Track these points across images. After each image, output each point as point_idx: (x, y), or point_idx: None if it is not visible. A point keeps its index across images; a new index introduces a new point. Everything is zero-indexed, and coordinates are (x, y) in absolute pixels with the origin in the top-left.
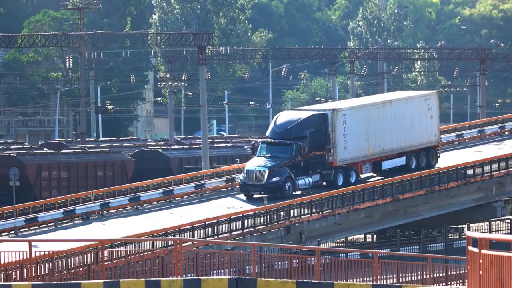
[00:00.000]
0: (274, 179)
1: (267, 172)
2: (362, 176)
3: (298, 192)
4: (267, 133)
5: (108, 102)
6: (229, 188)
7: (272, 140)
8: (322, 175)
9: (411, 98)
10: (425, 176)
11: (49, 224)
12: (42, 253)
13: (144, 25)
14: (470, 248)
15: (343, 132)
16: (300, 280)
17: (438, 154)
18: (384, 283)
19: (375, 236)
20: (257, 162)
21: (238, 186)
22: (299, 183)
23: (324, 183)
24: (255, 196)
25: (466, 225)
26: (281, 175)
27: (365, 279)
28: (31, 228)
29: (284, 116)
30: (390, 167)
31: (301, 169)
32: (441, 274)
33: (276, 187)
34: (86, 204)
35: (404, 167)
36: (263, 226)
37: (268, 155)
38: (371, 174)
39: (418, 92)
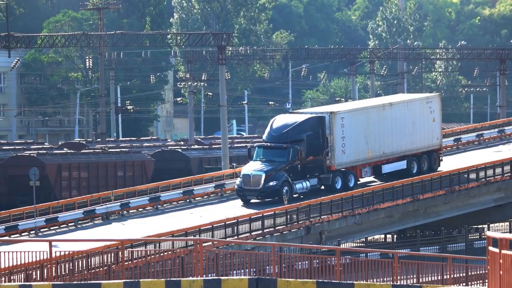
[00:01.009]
0: (271, 184)
1: (263, 176)
2: (362, 180)
3: (295, 196)
4: (264, 136)
5: (128, 102)
6: None
7: (269, 143)
8: (320, 179)
9: (412, 101)
10: (445, 176)
11: (69, 224)
12: (62, 253)
13: (163, 25)
14: (491, 248)
15: (342, 136)
16: (320, 280)
17: (440, 158)
18: (404, 283)
19: (395, 236)
20: (253, 167)
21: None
22: (297, 187)
23: (322, 187)
24: (252, 200)
25: (486, 225)
26: (278, 179)
27: (385, 279)
28: (51, 228)
29: (281, 120)
30: (391, 171)
31: (299, 173)
32: (461, 274)
33: (273, 192)
34: (106, 204)
35: (405, 171)
36: (283, 226)
37: (265, 159)
38: (372, 178)
39: (420, 95)
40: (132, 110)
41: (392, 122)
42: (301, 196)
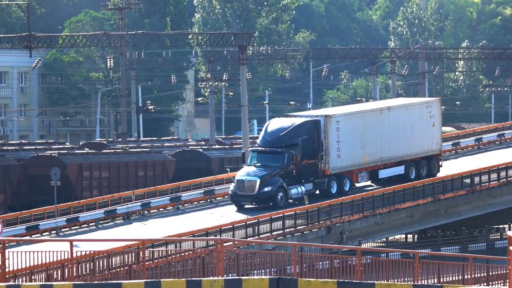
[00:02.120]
0: (266, 189)
1: (258, 181)
2: (358, 185)
3: (291, 201)
4: (258, 141)
5: (149, 102)
6: None
7: (263, 148)
8: (315, 183)
9: (411, 105)
10: (466, 176)
11: (90, 224)
12: (83, 253)
13: (184, 25)
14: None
15: (337, 139)
16: (341, 280)
17: (440, 163)
18: (425, 283)
19: (416, 236)
20: (248, 172)
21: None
22: (292, 193)
23: (317, 192)
24: (246, 206)
25: (507, 225)
26: (273, 185)
27: (406, 279)
28: (72, 228)
29: (275, 124)
30: (388, 176)
31: (294, 178)
32: (482, 274)
33: (268, 197)
34: (127, 204)
35: (403, 176)
36: (304, 226)
37: (259, 164)
38: (369, 183)
39: (420, 99)
40: (153, 110)
41: (390, 126)
42: (296, 202)
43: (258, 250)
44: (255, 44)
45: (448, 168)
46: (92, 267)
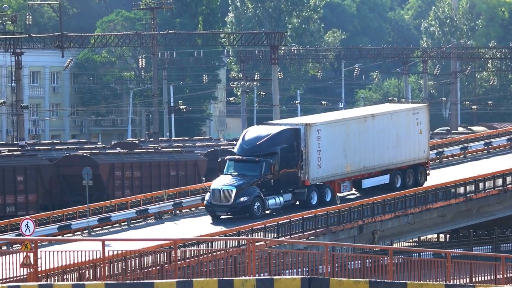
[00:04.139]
0: (242, 199)
1: (234, 191)
2: (340, 195)
3: (268, 212)
4: (235, 149)
5: (181, 101)
6: None
7: (240, 157)
8: (294, 194)
9: (396, 112)
10: (498, 175)
11: (122, 224)
12: (115, 253)
13: (215, 25)
14: None
15: (317, 149)
16: (373, 279)
17: (427, 172)
18: (457, 283)
19: (448, 235)
20: (223, 181)
21: None
22: (269, 203)
23: (297, 202)
24: (222, 216)
25: None
26: (250, 195)
27: (438, 279)
28: (104, 227)
29: (253, 132)
30: (372, 186)
31: (272, 188)
32: None
33: (244, 208)
34: (159, 204)
35: (388, 185)
36: (335, 226)
37: (236, 173)
38: (352, 192)
39: (406, 105)
40: (184, 110)
41: (374, 134)
42: (274, 213)
43: (290, 250)
44: (287, 44)
45: (481, 168)
46: (124, 267)
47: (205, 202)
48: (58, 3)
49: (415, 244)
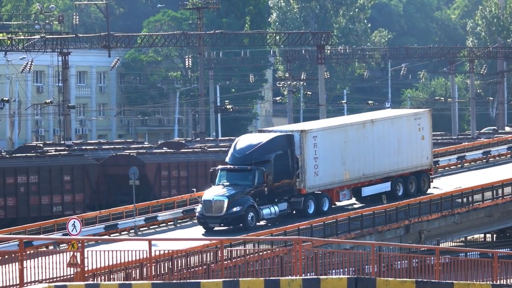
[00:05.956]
0: (234, 209)
1: (226, 202)
2: (338, 204)
3: (263, 223)
4: (227, 159)
5: (227, 101)
6: None
7: (232, 166)
8: (290, 203)
9: (398, 118)
10: None
11: (169, 223)
12: (161, 252)
13: (263, 24)
14: None
15: (314, 156)
16: (419, 279)
17: (431, 179)
18: (504, 283)
19: (494, 235)
20: (215, 192)
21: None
22: (264, 213)
23: (294, 212)
24: (216, 228)
25: None
26: (242, 205)
27: (484, 279)
28: (150, 227)
29: (245, 140)
30: (372, 194)
31: (266, 197)
32: None
33: (237, 218)
34: None
35: (389, 193)
36: (382, 226)
37: (228, 183)
38: (352, 201)
39: (408, 111)
40: (231, 109)
41: (374, 140)
42: (269, 224)
43: (336, 250)
44: (333, 44)
45: None
46: (170, 266)
47: (196, 213)
48: (104, 3)
49: (462, 244)
